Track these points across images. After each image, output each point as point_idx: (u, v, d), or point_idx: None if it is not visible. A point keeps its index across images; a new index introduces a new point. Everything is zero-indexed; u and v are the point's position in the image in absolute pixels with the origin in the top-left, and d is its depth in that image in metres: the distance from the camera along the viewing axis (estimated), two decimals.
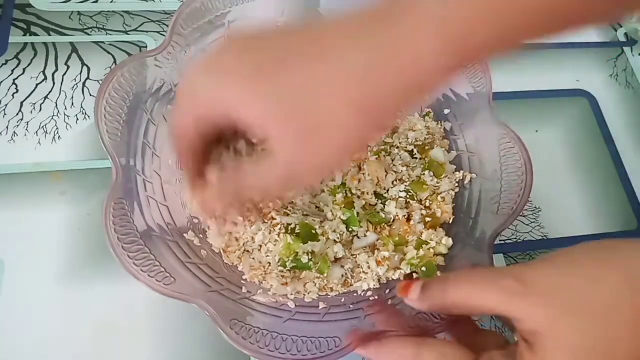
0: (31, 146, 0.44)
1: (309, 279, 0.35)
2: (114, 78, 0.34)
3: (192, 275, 0.32)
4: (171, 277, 0.30)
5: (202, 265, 0.34)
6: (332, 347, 0.29)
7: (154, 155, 0.36)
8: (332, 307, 0.34)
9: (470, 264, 0.34)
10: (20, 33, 0.49)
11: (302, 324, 0.32)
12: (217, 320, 0.29)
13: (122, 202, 0.31)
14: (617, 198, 0.52)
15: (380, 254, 0.36)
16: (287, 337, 0.30)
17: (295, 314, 0.32)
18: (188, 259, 0.33)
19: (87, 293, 0.39)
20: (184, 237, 0.35)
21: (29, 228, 0.41)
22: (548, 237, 0.48)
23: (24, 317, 0.38)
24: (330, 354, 0.29)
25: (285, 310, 0.33)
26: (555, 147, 0.54)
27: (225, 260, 0.36)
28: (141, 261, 0.30)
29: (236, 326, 0.29)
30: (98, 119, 0.32)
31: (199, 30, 0.38)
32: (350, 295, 0.35)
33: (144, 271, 0.29)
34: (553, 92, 0.57)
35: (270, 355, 0.29)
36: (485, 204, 0.37)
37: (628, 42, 0.62)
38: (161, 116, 0.37)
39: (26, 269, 0.40)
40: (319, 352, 0.29)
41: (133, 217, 0.32)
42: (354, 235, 0.37)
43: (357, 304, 0.34)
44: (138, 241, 0.31)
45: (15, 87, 0.47)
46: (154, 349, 0.38)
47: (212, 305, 0.29)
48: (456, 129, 0.42)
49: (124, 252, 0.29)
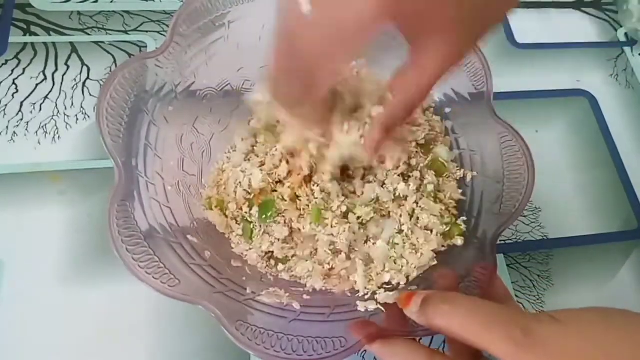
0: (31, 146, 0.44)
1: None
2: (115, 79, 0.33)
3: (196, 276, 0.32)
4: (176, 279, 0.30)
5: (205, 266, 0.33)
6: (337, 346, 0.29)
7: (156, 157, 0.36)
8: (336, 307, 0.33)
9: (473, 263, 0.34)
10: (20, 33, 0.49)
11: (307, 324, 0.31)
12: (222, 321, 0.29)
13: (125, 204, 0.31)
14: (617, 198, 0.52)
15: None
16: (292, 337, 0.30)
17: (300, 314, 0.32)
18: (192, 260, 0.33)
19: (87, 293, 0.39)
20: (187, 238, 0.35)
21: (29, 228, 0.41)
22: (548, 237, 0.48)
23: (24, 317, 0.38)
24: (336, 353, 0.29)
25: (290, 310, 0.33)
26: (555, 147, 0.54)
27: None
28: (146, 263, 0.30)
29: (242, 327, 0.29)
30: (100, 121, 0.32)
31: (199, 31, 0.38)
32: (354, 296, 0.35)
33: (149, 273, 0.29)
34: (553, 92, 0.57)
35: (276, 356, 0.28)
36: (487, 203, 0.37)
37: (628, 42, 0.62)
38: (162, 117, 0.37)
39: (26, 269, 0.40)
40: (325, 352, 0.29)
41: (136, 219, 0.31)
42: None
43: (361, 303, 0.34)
44: (142, 243, 0.31)
45: (15, 87, 0.47)
46: (154, 348, 0.38)
47: (217, 306, 0.29)
48: (457, 127, 0.42)
49: (128, 254, 0.29)
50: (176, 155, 0.38)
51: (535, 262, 0.47)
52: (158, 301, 0.40)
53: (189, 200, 0.37)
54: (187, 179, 0.38)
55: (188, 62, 0.38)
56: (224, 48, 0.40)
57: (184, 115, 0.39)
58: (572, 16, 0.63)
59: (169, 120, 0.38)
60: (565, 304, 0.45)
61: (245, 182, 0.38)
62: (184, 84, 0.39)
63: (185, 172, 0.38)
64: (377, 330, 0.30)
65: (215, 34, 0.39)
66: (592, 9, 0.65)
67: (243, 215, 0.38)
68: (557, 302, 0.45)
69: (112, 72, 0.34)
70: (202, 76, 0.40)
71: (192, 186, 0.39)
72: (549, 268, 0.46)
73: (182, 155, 0.39)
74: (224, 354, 0.39)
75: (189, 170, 0.39)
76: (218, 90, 0.41)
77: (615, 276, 0.47)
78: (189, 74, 0.39)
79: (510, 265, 0.46)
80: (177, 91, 0.38)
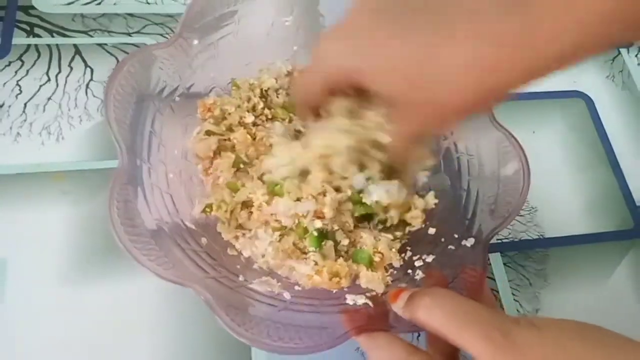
0: (34, 146, 0.45)
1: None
2: (124, 67, 0.34)
3: (190, 261, 0.32)
4: (170, 262, 0.31)
5: (201, 252, 0.34)
6: (325, 337, 0.29)
7: (160, 145, 0.36)
8: (326, 299, 0.34)
9: (464, 264, 0.34)
10: (24, 35, 0.50)
11: (297, 314, 0.32)
12: (212, 305, 0.29)
13: (126, 187, 0.31)
14: (613, 198, 0.52)
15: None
16: (281, 325, 0.30)
17: (290, 304, 0.33)
18: (188, 245, 0.34)
19: (89, 292, 0.40)
20: (185, 225, 0.35)
21: (32, 228, 0.41)
22: (544, 237, 0.49)
23: (27, 316, 0.38)
24: (323, 343, 0.29)
25: (281, 300, 0.33)
26: (552, 147, 0.54)
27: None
28: (141, 245, 0.30)
29: (231, 312, 0.29)
30: (107, 105, 0.32)
31: (209, 25, 0.39)
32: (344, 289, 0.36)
33: (145, 255, 0.30)
34: (550, 93, 0.57)
35: (264, 342, 0.29)
36: (482, 205, 0.37)
37: None
38: (169, 107, 0.37)
39: (29, 269, 0.40)
40: (312, 342, 0.29)
41: (136, 203, 0.32)
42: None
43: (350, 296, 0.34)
44: (140, 226, 0.31)
45: (18, 88, 0.47)
46: (158, 346, 0.39)
47: (208, 290, 0.29)
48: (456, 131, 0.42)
49: (125, 236, 0.30)
50: (180, 144, 0.39)
51: (531, 261, 0.47)
52: (162, 299, 0.40)
53: (190, 189, 0.38)
54: (190, 168, 0.39)
55: (197, 56, 0.39)
56: (232, 43, 0.41)
57: (191, 106, 0.40)
58: None
59: (175, 110, 0.38)
60: (561, 303, 0.45)
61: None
62: (192, 77, 0.39)
63: (188, 162, 0.39)
64: (365, 321, 0.31)
65: (224, 29, 0.40)
66: None
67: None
68: (553, 300, 0.45)
69: (121, 60, 0.34)
70: (210, 70, 0.40)
71: (194, 176, 0.39)
72: (545, 267, 0.47)
73: (186, 145, 0.39)
74: (229, 354, 0.39)
75: (192, 160, 0.39)
76: (225, 84, 0.42)
77: (611, 275, 0.48)
78: (196, 67, 0.39)
79: (507, 264, 0.47)
80: (185, 84, 0.39)
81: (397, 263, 0.37)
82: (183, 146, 0.39)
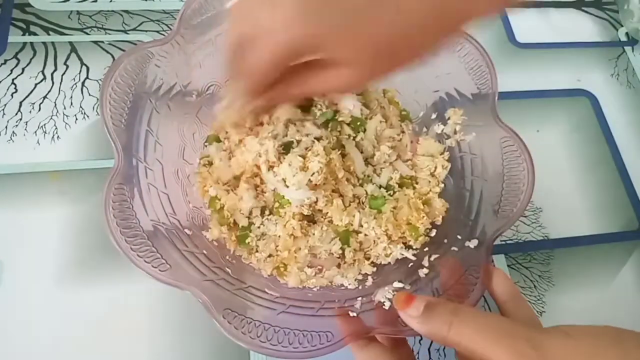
0: (30, 146, 0.44)
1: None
2: (121, 65, 0.34)
3: (187, 263, 0.32)
4: (167, 264, 0.30)
5: (198, 254, 0.34)
6: (323, 341, 0.29)
7: (157, 143, 0.36)
8: (326, 302, 0.34)
9: (467, 265, 0.34)
10: (19, 32, 0.49)
11: (295, 317, 0.32)
12: (210, 308, 0.29)
13: (122, 187, 0.31)
14: (618, 198, 0.51)
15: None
16: (279, 329, 0.30)
17: (289, 307, 0.32)
18: (185, 247, 0.33)
19: (86, 293, 0.39)
20: (182, 226, 0.35)
21: (28, 228, 0.41)
22: (549, 237, 0.48)
23: (24, 316, 0.38)
24: (321, 347, 0.29)
25: (280, 303, 0.33)
26: (556, 146, 0.53)
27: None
28: (138, 246, 0.30)
29: (229, 315, 0.29)
30: (103, 104, 0.32)
31: (205, 22, 0.38)
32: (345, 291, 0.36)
33: (141, 256, 0.29)
34: (554, 91, 0.57)
35: (262, 346, 0.29)
36: (486, 205, 0.37)
37: (629, 41, 0.62)
38: (165, 105, 0.37)
39: (25, 269, 0.39)
40: (310, 346, 0.29)
41: (132, 203, 0.32)
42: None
43: (350, 301, 0.34)
44: (136, 226, 0.31)
45: (14, 87, 0.47)
46: (154, 349, 0.38)
47: (205, 293, 0.29)
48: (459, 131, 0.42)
49: (121, 237, 0.29)
50: (177, 143, 0.38)
51: (536, 263, 0.46)
52: (158, 301, 0.40)
53: (187, 188, 0.38)
54: (186, 167, 0.39)
55: (194, 53, 0.38)
56: None
57: (187, 105, 0.39)
58: (572, 15, 0.63)
59: (172, 108, 0.38)
60: (566, 305, 0.45)
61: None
62: (189, 75, 0.39)
63: (185, 161, 0.39)
64: (363, 327, 0.31)
65: (222, 26, 0.39)
66: (593, 8, 0.64)
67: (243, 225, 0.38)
68: (558, 302, 0.45)
69: (117, 57, 0.34)
70: (207, 68, 0.40)
71: (191, 175, 0.39)
72: (549, 268, 0.46)
73: (183, 143, 0.39)
74: (225, 354, 0.38)
75: (189, 159, 0.39)
76: (223, 82, 0.41)
77: (616, 276, 0.47)
78: (194, 65, 0.39)
79: (511, 266, 0.46)
80: (182, 81, 0.38)
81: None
82: (180, 145, 0.39)
